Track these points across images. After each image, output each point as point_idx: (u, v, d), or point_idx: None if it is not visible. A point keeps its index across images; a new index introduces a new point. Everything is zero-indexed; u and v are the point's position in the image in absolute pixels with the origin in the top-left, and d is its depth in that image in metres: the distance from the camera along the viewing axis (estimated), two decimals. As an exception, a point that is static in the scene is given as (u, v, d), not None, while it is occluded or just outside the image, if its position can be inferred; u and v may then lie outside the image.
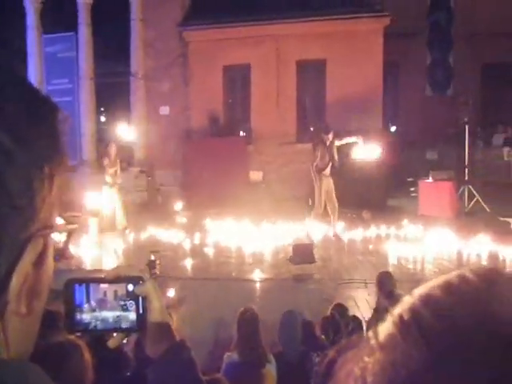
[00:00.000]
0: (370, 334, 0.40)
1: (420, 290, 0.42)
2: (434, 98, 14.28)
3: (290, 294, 5.83)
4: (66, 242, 6.99)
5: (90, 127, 12.72)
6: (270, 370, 3.22)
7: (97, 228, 8.40)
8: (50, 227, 0.51)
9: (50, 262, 0.53)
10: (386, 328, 0.40)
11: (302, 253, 6.46)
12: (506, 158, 12.59)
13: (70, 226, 6.94)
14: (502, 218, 8.69)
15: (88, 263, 7.15)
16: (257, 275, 6.37)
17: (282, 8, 12.10)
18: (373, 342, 0.39)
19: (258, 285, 6.20)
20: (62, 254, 6.54)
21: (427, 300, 0.39)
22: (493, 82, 14.42)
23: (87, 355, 0.99)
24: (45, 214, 0.49)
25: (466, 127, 10.02)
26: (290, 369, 3.37)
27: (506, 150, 12.70)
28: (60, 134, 0.53)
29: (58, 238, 6.46)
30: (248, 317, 3.45)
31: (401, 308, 0.41)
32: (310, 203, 8.75)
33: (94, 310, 0.84)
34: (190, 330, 4.87)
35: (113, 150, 8.91)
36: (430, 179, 9.79)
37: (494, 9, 13.49)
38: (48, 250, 0.52)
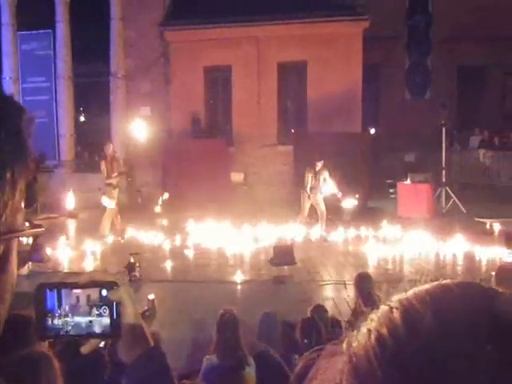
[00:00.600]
0: (347, 341, 0.40)
1: (399, 300, 0.40)
2: (412, 101, 14.55)
3: (270, 296, 5.85)
4: (33, 246, 6.71)
5: (68, 127, 12.51)
6: (250, 372, 3.23)
7: (74, 229, 8.26)
8: (13, 232, 0.50)
9: (12, 267, 0.52)
10: (362, 338, 0.39)
11: (283, 254, 6.49)
12: (481, 160, 12.90)
13: (36, 230, 6.71)
14: (478, 219, 8.90)
15: (65, 266, 7.03)
16: (237, 277, 6.37)
17: (264, 10, 12.13)
18: (349, 350, 0.39)
19: (238, 286, 6.20)
20: (28, 258, 6.34)
21: (406, 316, 0.38)
22: (469, 85, 14.76)
23: (56, 365, 0.98)
24: (7, 219, 0.48)
25: (443, 130, 10.22)
26: (270, 371, 3.38)
27: (481, 152, 13.01)
28: (25, 136, 0.51)
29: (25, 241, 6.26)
30: (228, 319, 3.45)
31: (378, 320, 0.39)
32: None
33: (66, 316, 0.83)
34: (169, 332, 4.84)
35: (109, 150, 8.40)
36: (409, 181, 9.96)
37: (471, 13, 13.81)
38: (10, 255, 0.51)
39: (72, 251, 7.54)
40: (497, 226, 8.27)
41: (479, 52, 14.03)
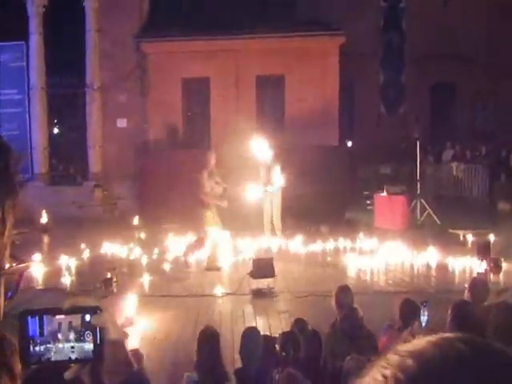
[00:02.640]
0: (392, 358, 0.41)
1: (410, 349, 0.42)
2: (387, 116, 14.90)
3: (249, 309, 5.81)
4: (17, 282, 6.51)
5: (42, 140, 12.27)
6: (231, 388, 3.19)
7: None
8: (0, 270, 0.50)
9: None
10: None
11: (262, 267, 6.47)
12: (454, 173, 13.27)
13: (21, 266, 6.51)
14: (451, 230, 9.11)
15: (39, 282, 6.83)
16: (217, 290, 6.31)
17: (242, 24, 12.27)
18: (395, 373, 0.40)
19: (218, 300, 6.15)
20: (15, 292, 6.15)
21: (422, 365, 0.40)
22: (441, 101, 15.23)
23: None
24: None
25: (418, 143, 10.48)
26: (251, 386, 3.35)
27: (454, 165, 13.39)
28: (12, 176, 0.51)
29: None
30: (208, 336, 3.42)
31: (393, 366, 0.41)
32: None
33: (47, 342, 0.83)
34: (148, 349, 4.75)
35: (213, 160, 7.53)
36: (385, 193, 10.14)
37: (442, 33, 14.32)
38: None
39: (46, 267, 7.34)
40: (470, 238, 8.48)
41: (449, 69, 14.53)
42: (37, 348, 0.83)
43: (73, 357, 0.84)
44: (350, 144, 14.53)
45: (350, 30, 12.20)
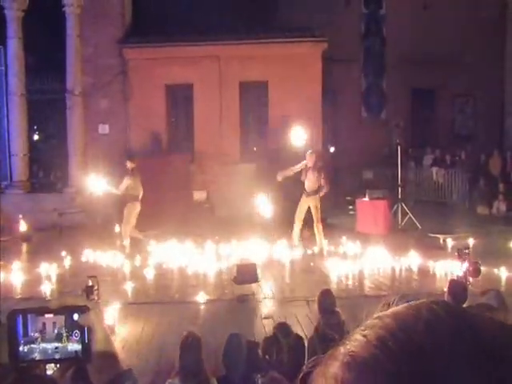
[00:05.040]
0: (342, 347, 0.42)
1: (390, 314, 0.43)
2: (369, 121, 15.09)
3: (233, 315, 5.80)
4: None
5: (21, 146, 12.06)
6: (213, 395, 3.17)
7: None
8: None
9: None
10: (359, 341, 0.41)
11: (246, 272, 6.47)
12: (434, 178, 13.49)
13: None
14: (432, 234, 9.25)
15: (18, 291, 6.69)
16: (200, 297, 6.28)
17: (225, 30, 12.33)
18: (346, 354, 0.40)
19: (201, 306, 6.11)
20: None
21: (400, 324, 0.41)
22: (421, 106, 15.51)
23: None
24: None
25: (399, 148, 10.64)
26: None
27: (434, 170, 13.62)
28: None
29: None
30: (190, 342, 3.39)
31: (373, 326, 0.42)
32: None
33: (32, 342, 0.83)
34: (130, 356, 4.70)
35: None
36: (367, 198, 10.24)
37: (421, 37, 14.60)
38: None
39: (25, 275, 7.20)
40: (449, 242, 8.62)
41: (428, 74, 14.81)
42: (21, 348, 0.83)
43: (57, 357, 0.85)
44: (332, 149, 14.65)
45: (333, 37, 12.36)
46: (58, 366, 0.95)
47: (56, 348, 0.84)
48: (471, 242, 8.22)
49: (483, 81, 14.67)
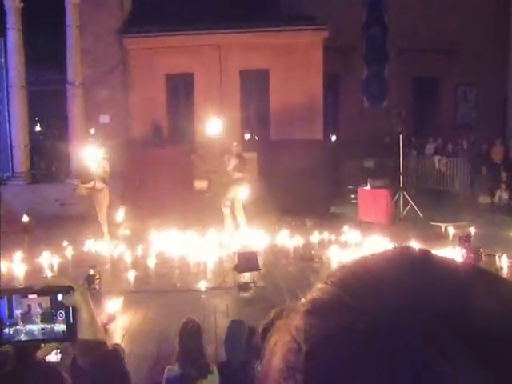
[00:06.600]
0: (304, 300, 0.39)
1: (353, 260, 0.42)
2: (370, 110, 14.99)
3: (234, 303, 5.81)
4: None
5: (22, 138, 12.05)
6: (212, 381, 3.18)
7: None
8: None
9: None
10: (320, 288, 0.39)
11: (247, 261, 6.47)
12: (436, 167, 13.43)
13: None
14: (433, 223, 9.23)
15: (19, 280, 6.72)
16: (201, 285, 6.29)
17: (226, 18, 12.22)
18: (305, 307, 0.38)
19: (202, 295, 6.13)
20: None
21: (365, 265, 0.40)
22: (423, 95, 15.39)
23: None
24: None
25: (400, 137, 10.58)
26: (233, 378, 3.35)
27: (436, 158, 13.55)
28: None
29: None
30: (190, 328, 3.40)
31: (335, 274, 0.40)
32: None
33: (17, 324, 0.83)
34: (132, 344, 4.72)
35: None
36: (368, 187, 10.21)
37: (423, 25, 14.45)
38: None
39: (27, 265, 7.23)
40: (451, 230, 8.60)
41: (430, 63, 14.68)
42: (6, 330, 0.82)
43: (43, 338, 0.84)
44: (334, 138, 14.59)
45: (334, 25, 12.24)
46: (42, 346, 0.94)
47: (42, 329, 0.83)
48: (473, 230, 8.19)
49: (486, 69, 14.53)
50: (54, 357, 3.36)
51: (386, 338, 0.32)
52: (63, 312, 0.83)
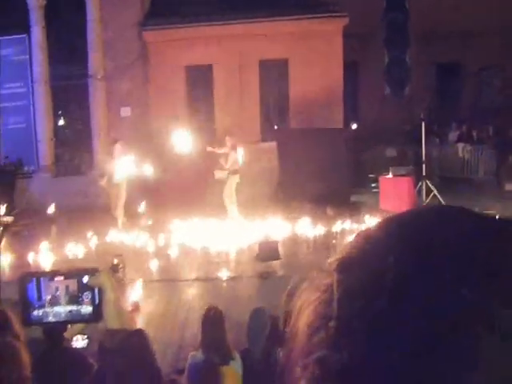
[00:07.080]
0: (330, 261, 0.39)
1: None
2: (392, 97, 14.71)
3: (255, 291, 5.85)
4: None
5: (46, 131, 12.32)
6: (234, 367, 3.23)
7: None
8: None
9: None
10: (348, 248, 0.39)
11: (268, 250, 6.50)
12: (460, 154, 13.12)
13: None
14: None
15: (48, 270, 6.91)
16: (223, 274, 6.35)
17: (244, 8, 12.14)
18: (335, 264, 0.38)
19: (224, 284, 6.19)
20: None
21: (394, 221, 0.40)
22: (446, 81, 15.01)
23: (25, 356, 0.99)
24: None
25: (423, 124, 10.36)
26: (256, 365, 3.39)
27: (460, 146, 13.23)
28: None
29: None
30: (212, 315, 3.44)
31: (362, 232, 0.40)
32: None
33: (45, 306, 0.85)
34: (156, 331, 4.81)
35: (116, 150, 8.53)
36: (390, 175, 10.07)
37: (447, 9, 14.04)
38: None
39: (53, 256, 7.43)
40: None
41: (454, 48, 14.28)
42: (35, 312, 0.85)
43: (70, 319, 0.86)
44: (354, 126, 14.40)
45: (353, 11, 12.02)
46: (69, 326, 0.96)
47: (70, 311, 0.85)
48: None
49: (510, 51, 14.05)
50: (80, 343, 3.46)
51: (414, 282, 0.33)
52: (89, 293, 0.85)
